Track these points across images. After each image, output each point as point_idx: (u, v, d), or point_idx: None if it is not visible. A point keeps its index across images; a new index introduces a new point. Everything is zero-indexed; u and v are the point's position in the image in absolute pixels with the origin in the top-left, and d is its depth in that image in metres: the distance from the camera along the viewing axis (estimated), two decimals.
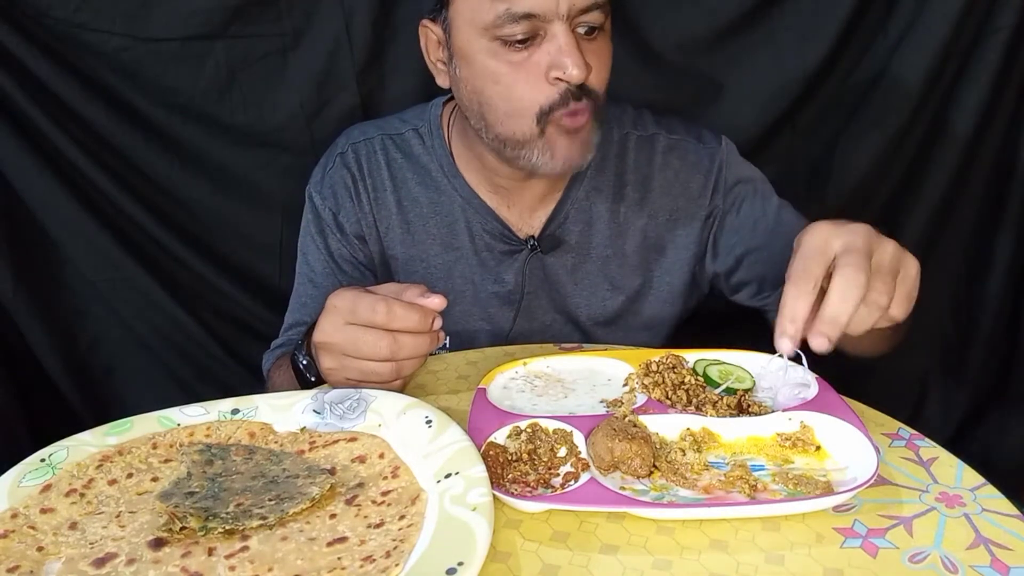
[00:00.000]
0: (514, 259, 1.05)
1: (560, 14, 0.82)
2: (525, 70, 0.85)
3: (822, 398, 0.75)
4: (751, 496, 0.64)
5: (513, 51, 0.85)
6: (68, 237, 1.29)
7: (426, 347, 0.78)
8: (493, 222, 1.03)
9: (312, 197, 1.08)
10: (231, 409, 0.76)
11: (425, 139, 1.06)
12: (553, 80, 0.85)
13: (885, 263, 0.66)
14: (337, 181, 1.06)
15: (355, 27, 1.23)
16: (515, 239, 1.04)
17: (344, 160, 1.06)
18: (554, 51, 0.84)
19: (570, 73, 0.83)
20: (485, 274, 1.05)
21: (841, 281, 0.63)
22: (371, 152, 1.06)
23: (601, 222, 1.05)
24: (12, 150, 1.22)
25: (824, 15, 1.25)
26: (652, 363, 0.82)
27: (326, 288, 1.01)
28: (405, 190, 1.05)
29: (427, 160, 1.05)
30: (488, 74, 0.87)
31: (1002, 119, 1.32)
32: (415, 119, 1.08)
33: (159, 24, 1.18)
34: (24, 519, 0.63)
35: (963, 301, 1.47)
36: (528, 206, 1.04)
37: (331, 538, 0.61)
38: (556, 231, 1.04)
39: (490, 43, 0.85)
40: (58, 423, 1.27)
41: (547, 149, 0.89)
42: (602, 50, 0.88)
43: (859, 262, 0.64)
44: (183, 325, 1.37)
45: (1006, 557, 0.59)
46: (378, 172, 1.06)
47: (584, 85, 0.85)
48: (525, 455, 0.69)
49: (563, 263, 1.05)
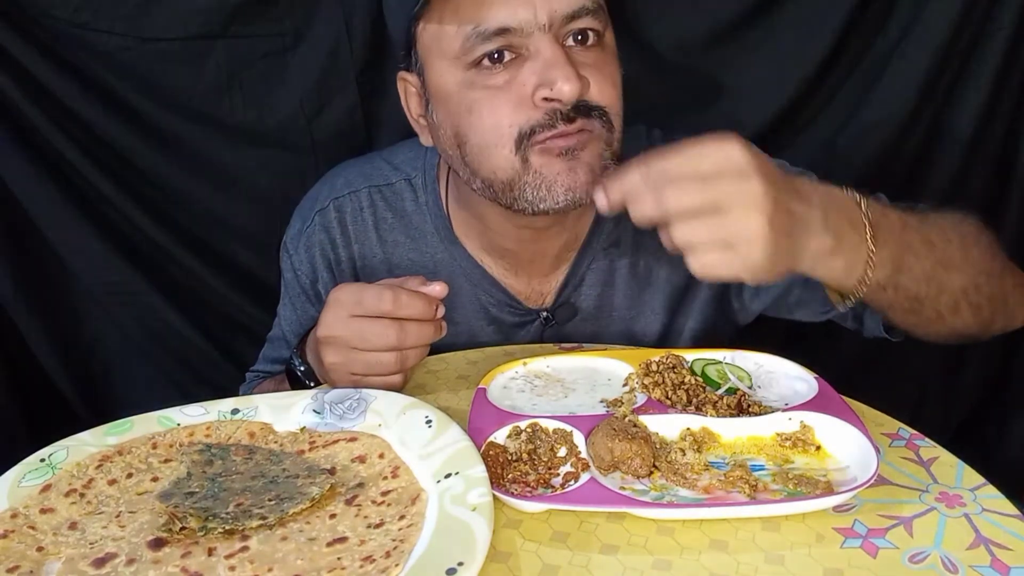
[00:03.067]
0: (526, 331, 0.96)
1: (540, 24, 0.71)
2: (506, 93, 0.74)
3: (822, 398, 0.75)
4: (751, 496, 0.64)
5: (491, 75, 0.74)
6: (67, 238, 1.29)
7: (431, 335, 0.77)
8: (499, 294, 0.94)
9: (289, 252, 1.00)
10: (231, 409, 0.76)
11: (419, 194, 0.95)
12: (541, 102, 0.73)
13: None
14: (315, 244, 0.97)
15: (355, 27, 1.23)
16: (524, 310, 0.95)
17: (324, 220, 0.96)
18: (540, 68, 0.72)
19: (560, 89, 0.70)
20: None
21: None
22: (356, 210, 0.95)
23: (622, 280, 0.94)
24: (11, 151, 1.22)
25: (824, 15, 1.25)
26: (652, 363, 0.82)
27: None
28: (397, 257, 0.95)
29: (420, 220, 0.94)
30: (464, 106, 0.76)
31: (1002, 119, 1.31)
32: (407, 165, 0.96)
33: (159, 24, 1.18)
34: (24, 519, 0.63)
35: None
36: (538, 272, 0.94)
37: (331, 538, 0.61)
38: (571, 297, 0.94)
39: (465, 73, 0.75)
40: (58, 423, 1.27)
41: (540, 182, 0.75)
42: (603, 61, 0.77)
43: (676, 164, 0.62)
44: (182, 326, 1.37)
45: (1006, 557, 0.59)
46: (365, 236, 0.95)
47: (585, 103, 0.74)
48: (525, 455, 0.69)
49: (581, 331, 0.96)
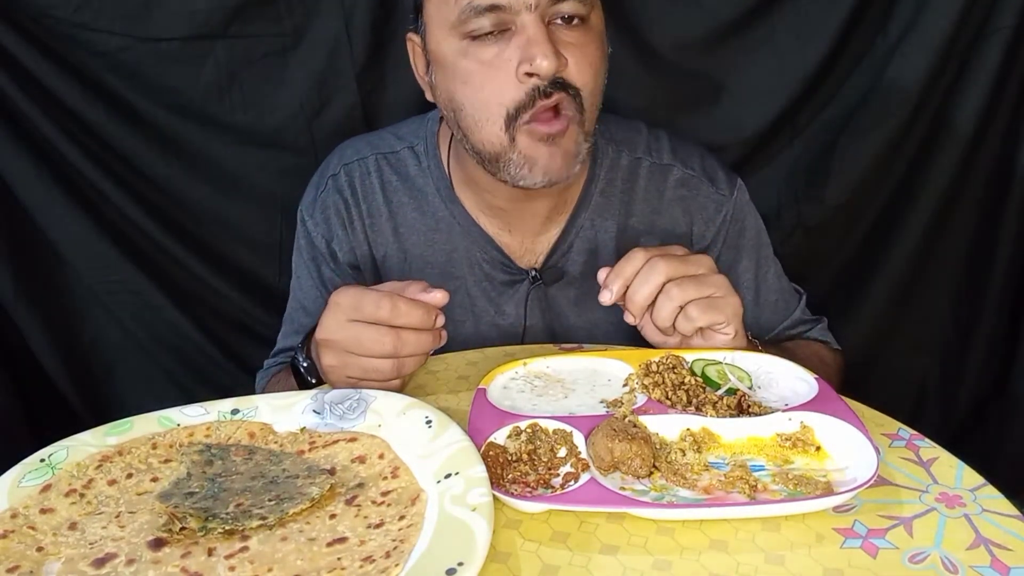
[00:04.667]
0: (515, 290, 1.00)
1: (528, 3, 0.77)
2: (495, 68, 0.80)
3: (822, 398, 0.75)
4: (751, 496, 0.64)
5: (483, 48, 0.80)
6: (67, 238, 1.29)
7: (428, 344, 0.77)
8: (493, 251, 0.98)
9: (304, 221, 1.04)
10: (231, 409, 0.76)
11: (421, 159, 1.00)
12: (523, 77, 0.79)
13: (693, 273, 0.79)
14: (329, 206, 1.01)
15: (355, 27, 1.23)
16: (516, 269, 0.99)
17: (336, 183, 1.01)
18: (523, 43, 0.78)
19: (538, 64, 0.77)
20: (486, 304, 1.01)
21: (649, 268, 0.78)
22: (364, 174, 1.01)
23: (607, 251, 0.99)
24: (11, 150, 1.22)
25: (824, 15, 1.25)
26: (652, 363, 0.82)
27: (318, 316, 0.97)
28: (401, 216, 1.00)
29: (423, 183, 1.00)
30: (459, 75, 0.82)
31: (1002, 119, 1.32)
32: (411, 135, 1.02)
33: (159, 24, 1.18)
34: (24, 519, 0.63)
35: (963, 301, 1.47)
36: (531, 231, 0.99)
37: (331, 538, 0.61)
38: (559, 262, 1.00)
39: (460, 42, 0.81)
40: (58, 423, 1.27)
41: (523, 161, 0.83)
42: (585, 43, 0.82)
43: (672, 266, 0.79)
44: (182, 326, 1.37)
45: (1006, 557, 0.59)
46: (372, 196, 1.00)
47: (563, 81, 0.80)
48: (525, 455, 0.69)
49: (566, 295, 1.01)
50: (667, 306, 0.78)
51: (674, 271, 0.78)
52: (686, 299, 0.78)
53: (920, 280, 1.44)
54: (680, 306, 0.79)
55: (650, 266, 0.78)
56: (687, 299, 0.78)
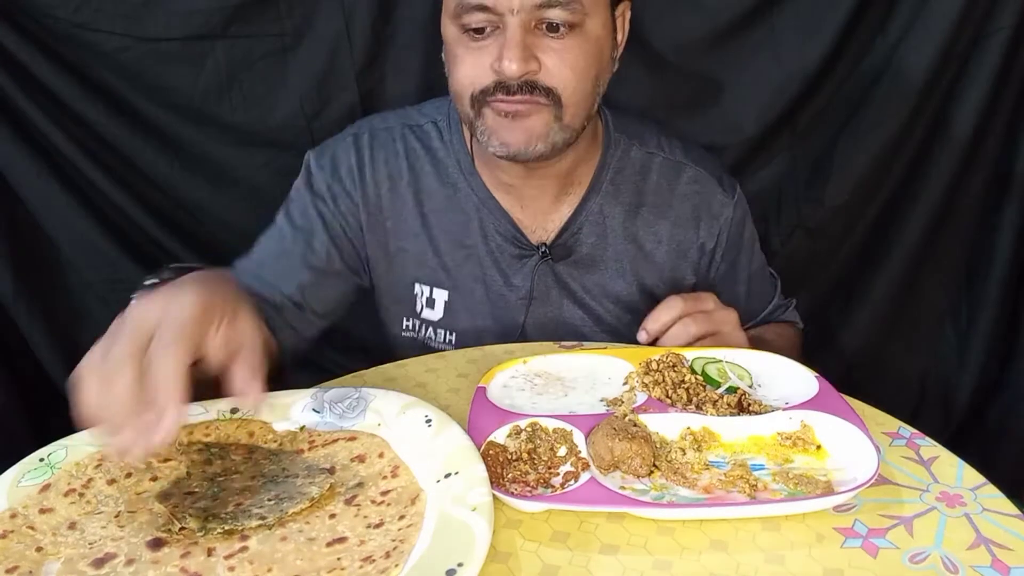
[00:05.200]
0: (524, 263, 1.03)
1: (511, 8, 0.83)
2: (477, 56, 0.88)
3: (823, 397, 0.75)
4: (751, 496, 0.64)
5: (471, 39, 0.88)
6: (67, 237, 1.29)
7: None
8: (507, 224, 1.02)
9: (309, 164, 1.04)
10: (230, 408, 0.76)
11: (444, 134, 1.05)
12: (495, 71, 0.87)
13: (706, 310, 0.91)
14: (341, 158, 1.02)
15: (355, 27, 1.23)
16: (527, 244, 1.03)
17: (357, 142, 1.03)
18: (501, 43, 0.85)
19: (504, 66, 0.84)
20: (495, 274, 1.04)
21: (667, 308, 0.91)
22: (390, 141, 1.04)
23: (615, 236, 1.04)
24: (12, 150, 1.22)
25: (824, 15, 1.25)
26: (652, 361, 0.82)
27: (293, 246, 1.01)
28: (423, 180, 1.04)
29: (444, 155, 1.04)
30: (451, 57, 0.91)
31: (1002, 119, 1.31)
32: (434, 112, 1.07)
33: (159, 24, 1.18)
34: (23, 519, 0.63)
35: (963, 301, 1.47)
36: (541, 209, 1.03)
37: (331, 538, 0.61)
38: (569, 240, 1.03)
39: (456, 29, 0.89)
40: (58, 423, 1.27)
41: (486, 131, 0.90)
42: (568, 48, 0.86)
43: (689, 305, 0.91)
44: None
45: (1007, 557, 0.59)
46: (395, 160, 1.03)
47: (532, 82, 0.86)
48: (525, 454, 0.69)
49: (572, 273, 1.05)
50: (681, 336, 0.89)
51: (690, 307, 0.90)
52: (699, 333, 0.90)
53: (920, 280, 1.44)
54: (695, 337, 0.90)
55: (684, 322, 0.90)
56: (700, 333, 0.90)
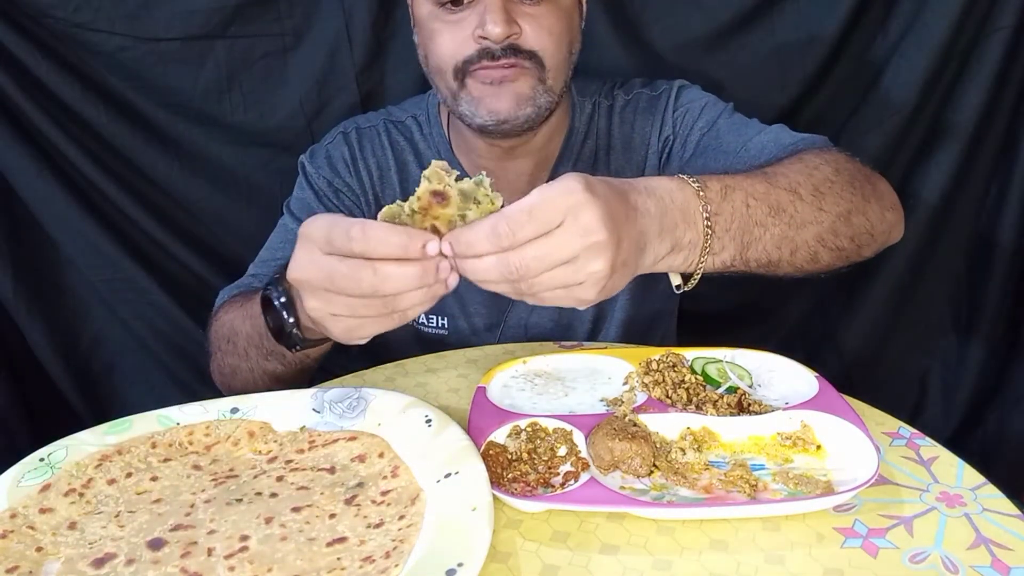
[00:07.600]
0: None
1: None
2: (457, 29, 0.89)
3: (823, 397, 0.75)
4: (751, 496, 0.64)
5: (448, 12, 0.89)
6: (68, 237, 1.29)
7: (415, 279, 0.62)
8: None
9: (304, 166, 1.08)
10: (230, 408, 0.76)
11: (423, 127, 1.08)
12: (477, 38, 0.88)
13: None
14: (335, 154, 1.07)
15: (355, 27, 1.23)
16: None
17: (347, 138, 1.08)
18: (481, 11, 0.87)
19: (488, 29, 0.86)
20: None
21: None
22: (374, 135, 1.08)
23: None
24: (12, 150, 1.22)
25: (824, 15, 1.25)
26: (652, 361, 0.82)
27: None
28: (407, 171, 1.07)
29: (425, 147, 1.07)
30: (427, 33, 0.92)
31: (1002, 119, 1.31)
32: (413, 108, 1.10)
33: (159, 24, 1.18)
34: (23, 519, 0.63)
35: (963, 302, 1.47)
36: (518, 190, 1.00)
37: (331, 538, 0.61)
38: None
39: (431, 5, 0.90)
40: (58, 423, 1.27)
41: (471, 100, 0.91)
42: (546, 14, 0.90)
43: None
44: (182, 325, 1.37)
45: (1007, 557, 0.59)
46: (382, 152, 1.08)
47: (515, 46, 0.88)
48: (525, 454, 0.69)
49: None
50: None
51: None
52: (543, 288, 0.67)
53: (920, 280, 1.44)
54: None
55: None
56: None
